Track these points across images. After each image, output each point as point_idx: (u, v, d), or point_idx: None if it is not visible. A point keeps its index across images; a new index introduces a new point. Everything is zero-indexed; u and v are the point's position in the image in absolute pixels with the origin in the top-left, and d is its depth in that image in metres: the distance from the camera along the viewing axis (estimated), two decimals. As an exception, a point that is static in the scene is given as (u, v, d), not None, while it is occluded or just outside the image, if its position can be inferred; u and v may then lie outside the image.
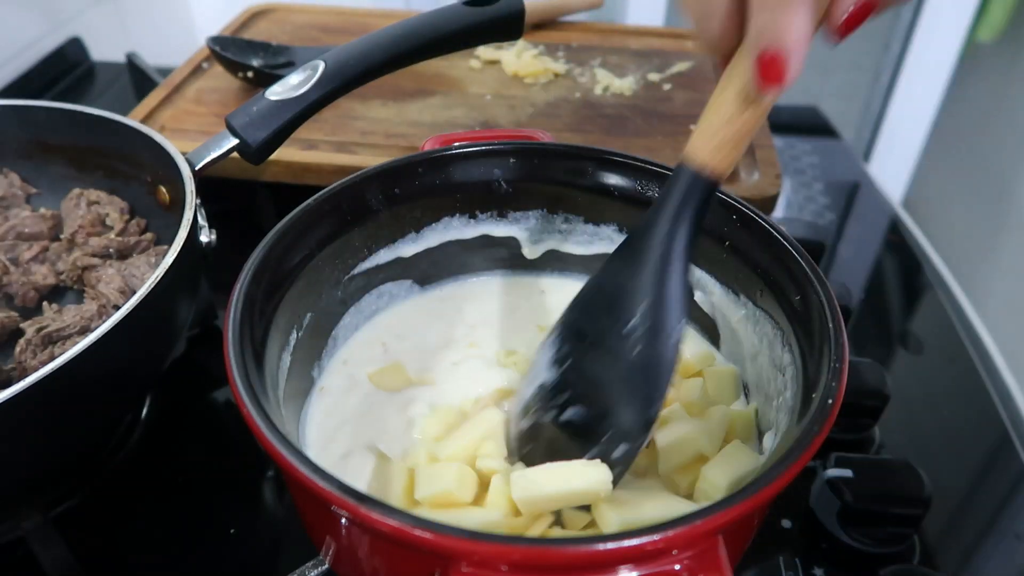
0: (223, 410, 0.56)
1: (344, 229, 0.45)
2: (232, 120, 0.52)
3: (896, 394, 0.52)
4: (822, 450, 0.40)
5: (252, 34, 0.87)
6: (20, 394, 0.35)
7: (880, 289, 0.70)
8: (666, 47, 0.88)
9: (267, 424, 0.31)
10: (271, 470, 0.50)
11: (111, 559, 0.46)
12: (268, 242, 0.40)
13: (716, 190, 0.36)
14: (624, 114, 0.74)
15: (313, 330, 0.44)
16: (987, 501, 0.50)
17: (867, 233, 0.78)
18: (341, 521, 0.31)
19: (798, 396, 0.37)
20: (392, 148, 0.68)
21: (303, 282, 0.42)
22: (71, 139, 0.58)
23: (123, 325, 0.39)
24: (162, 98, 0.73)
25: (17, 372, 0.46)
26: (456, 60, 0.82)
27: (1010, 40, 1.40)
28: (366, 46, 0.55)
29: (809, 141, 0.91)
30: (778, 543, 0.46)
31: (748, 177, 0.65)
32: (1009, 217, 1.39)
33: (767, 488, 0.29)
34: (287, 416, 0.39)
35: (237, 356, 0.34)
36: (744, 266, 0.44)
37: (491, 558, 0.27)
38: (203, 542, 0.46)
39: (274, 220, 0.41)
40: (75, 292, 0.54)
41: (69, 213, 0.57)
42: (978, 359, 0.61)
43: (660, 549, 0.27)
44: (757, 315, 0.43)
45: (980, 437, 0.55)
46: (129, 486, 0.50)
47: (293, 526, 0.47)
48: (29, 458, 0.40)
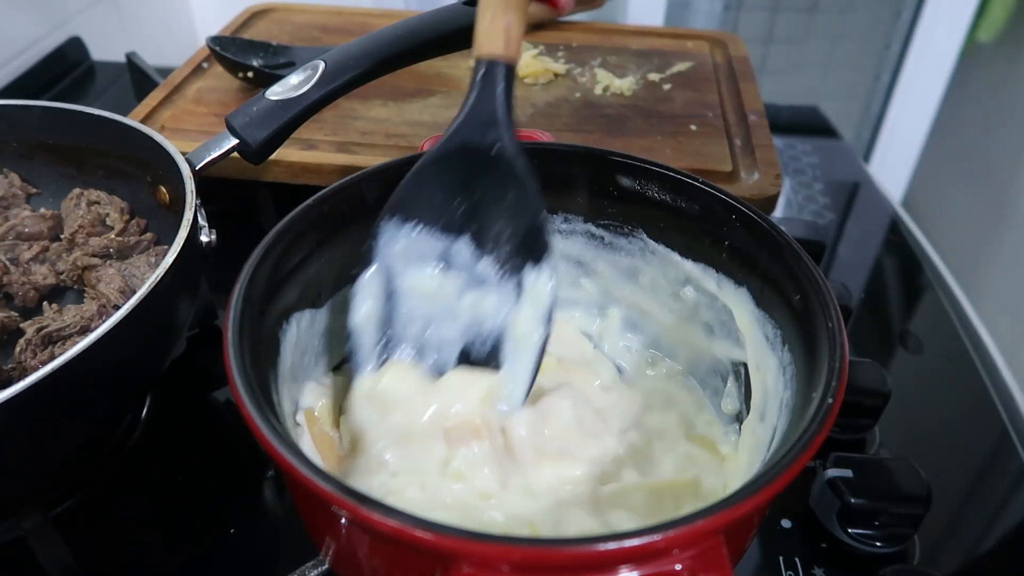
0: (223, 410, 0.56)
1: (343, 229, 0.45)
2: (232, 120, 0.52)
3: (896, 394, 0.52)
4: (822, 450, 0.40)
5: (252, 34, 0.87)
6: (20, 394, 0.35)
7: (880, 289, 0.70)
8: (666, 47, 0.88)
9: (267, 424, 0.31)
10: (271, 470, 0.50)
11: (111, 559, 0.46)
12: (268, 242, 0.40)
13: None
14: (624, 114, 0.74)
15: (313, 330, 0.44)
16: (987, 501, 0.50)
17: (867, 233, 0.78)
18: (341, 521, 0.31)
19: (798, 396, 0.37)
20: (392, 148, 0.68)
21: (303, 282, 0.42)
22: (71, 139, 0.58)
23: (123, 325, 0.39)
24: (162, 98, 0.73)
25: (17, 372, 0.46)
26: (456, 60, 0.82)
27: (1010, 40, 1.40)
28: (366, 46, 0.55)
29: (809, 141, 0.91)
30: (778, 543, 0.46)
31: (748, 177, 0.65)
32: (1009, 217, 1.39)
33: (767, 488, 0.29)
34: (287, 416, 0.39)
35: (237, 356, 0.34)
36: (744, 266, 0.44)
37: (492, 558, 0.27)
38: (203, 542, 0.46)
39: (274, 220, 0.41)
40: (75, 292, 0.54)
41: (69, 213, 0.57)
42: (978, 359, 0.61)
43: (661, 549, 0.27)
44: (757, 315, 0.43)
45: (980, 437, 0.55)
46: (129, 486, 0.50)
47: (293, 526, 0.47)
48: (29, 458, 0.40)
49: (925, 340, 0.64)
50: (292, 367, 0.41)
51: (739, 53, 0.85)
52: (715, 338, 0.47)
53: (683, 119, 0.73)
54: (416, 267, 0.42)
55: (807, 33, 1.53)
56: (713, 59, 0.85)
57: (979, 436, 0.55)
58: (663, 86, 0.79)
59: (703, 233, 0.46)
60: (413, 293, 0.41)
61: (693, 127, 0.72)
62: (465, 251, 0.41)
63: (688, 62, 0.84)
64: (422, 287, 0.41)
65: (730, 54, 0.85)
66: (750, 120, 0.72)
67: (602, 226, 0.50)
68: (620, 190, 0.48)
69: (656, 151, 0.68)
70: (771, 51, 1.55)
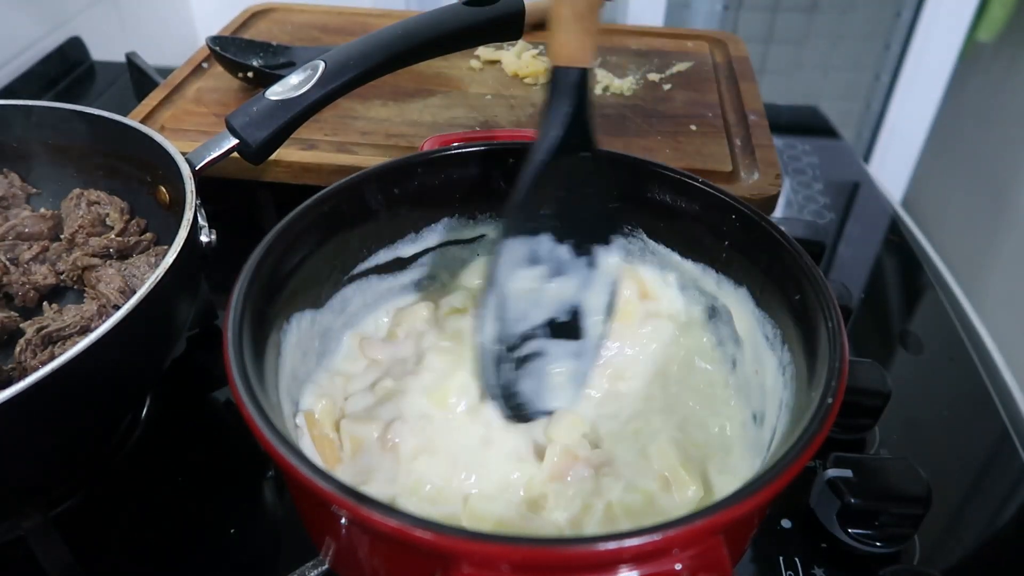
0: (223, 410, 0.56)
1: (343, 229, 0.45)
2: (232, 120, 0.52)
3: (896, 394, 0.52)
4: (822, 450, 0.40)
5: (252, 34, 0.87)
6: (20, 394, 0.35)
7: (880, 289, 0.70)
8: (666, 47, 0.88)
9: (267, 424, 0.31)
10: (271, 470, 0.50)
11: (111, 559, 0.46)
12: (268, 242, 0.40)
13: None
14: (624, 114, 0.74)
15: (313, 330, 0.44)
16: (987, 501, 0.50)
17: (867, 233, 0.78)
18: (341, 521, 0.31)
19: (798, 396, 0.37)
20: (392, 148, 0.68)
21: (302, 282, 0.42)
22: (71, 139, 0.58)
23: (123, 325, 0.39)
24: (162, 98, 0.73)
25: (17, 372, 0.46)
26: (456, 60, 0.82)
27: (1010, 40, 1.40)
28: (366, 46, 0.55)
29: (809, 141, 0.91)
30: (778, 543, 0.46)
31: (748, 177, 0.65)
32: (1009, 217, 1.39)
33: (767, 488, 0.29)
34: (287, 416, 0.39)
35: (237, 356, 0.34)
36: (744, 266, 0.44)
37: (492, 558, 0.27)
38: (203, 542, 0.46)
39: (274, 220, 0.41)
40: (75, 292, 0.54)
41: (69, 213, 0.57)
42: (978, 359, 0.61)
43: (661, 549, 0.27)
44: (757, 315, 0.43)
45: (980, 437, 0.55)
46: (129, 486, 0.50)
47: (293, 526, 0.47)
48: (29, 458, 0.41)
49: (925, 340, 0.64)
50: (292, 368, 0.41)
51: (739, 53, 0.85)
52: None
53: (683, 119, 0.73)
54: (517, 270, 0.42)
55: (807, 33, 1.53)
56: (713, 59, 0.85)
57: (979, 436, 0.55)
58: (663, 86, 0.79)
59: (703, 233, 0.46)
60: (516, 295, 0.42)
61: (693, 127, 0.72)
62: (548, 243, 0.42)
63: (688, 62, 0.84)
64: (521, 288, 0.42)
65: (730, 54, 0.85)
66: (750, 120, 0.72)
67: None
68: (620, 190, 0.48)
69: (656, 151, 0.68)
70: (771, 51, 1.55)
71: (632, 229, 0.49)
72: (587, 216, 0.43)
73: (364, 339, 0.47)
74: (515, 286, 0.42)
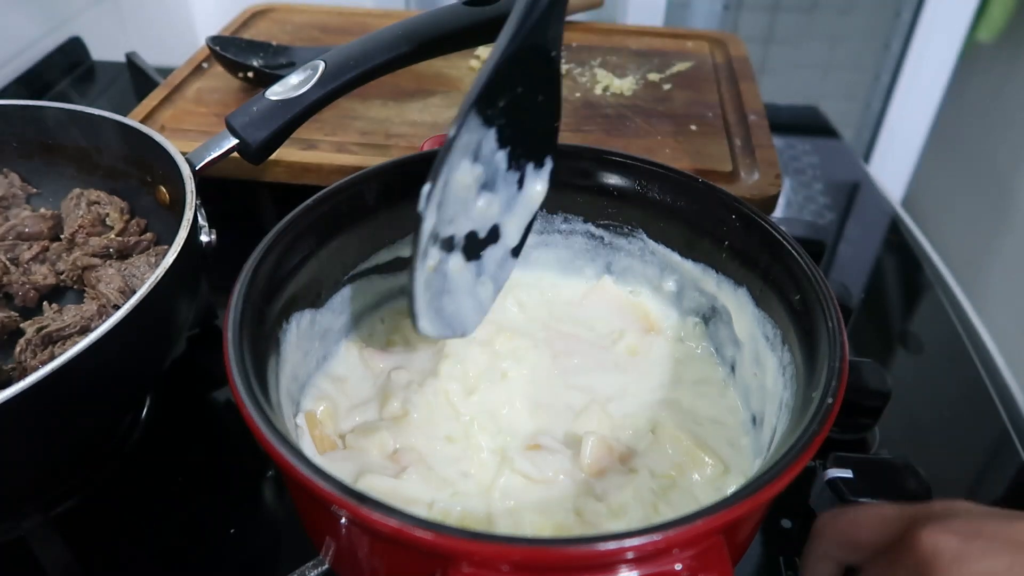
0: (223, 410, 0.56)
1: (343, 229, 0.45)
2: (232, 120, 0.52)
3: (896, 394, 0.52)
4: (822, 450, 0.40)
5: (252, 34, 0.87)
6: (20, 394, 0.35)
7: (880, 289, 0.70)
8: (666, 47, 0.88)
9: (267, 424, 0.31)
10: (271, 470, 0.50)
11: (111, 559, 0.46)
12: (268, 242, 0.40)
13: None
14: (624, 114, 0.74)
15: (313, 330, 0.44)
16: (987, 501, 0.50)
17: (867, 233, 0.78)
18: (341, 521, 0.31)
19: (798, 396, 0.37)
20: (392, 148, 0.68)
21: (303, 282, 0.42)
22: (71, 139, 0.58)
23: (123, 325, 0.39)
24: (162, 98, 0.73)
25: (17, 372, 0.46)
26: (456, 60, 0.82)
27: (1010, 40, 1.40)
28: (366, 46, 0.55)
29: (809, 141, 0.91)
30: (778, 543, 0.46)
31: (748, 177, 0.65)
32: (1009, 217, 1.39)
33: (767, 488, 0.29)
34: (287, 416, 0.39)
35: (237, 356, 0.34)
36: (744, 266, 0.44)
37: (492, 558, 0.27)
38: (203, 542, 0.46)
39: (274, 220, 0.41)
40: (75, 292, 0.54)
41: (69, 213, 0.57)
42: (978, 359, 0.61)
43: (661, 549, 0.27)
44: (757, 315, 0.43)
45: (980, 437, 0.55)
46: (129, 486, 0.50)
47: (293, 526, 0.47)
48: (29, 458, 0.41)
49: (925, 340, 0.64)
50: (293, 368, 0.41)
51: (739, 53, 0.85)
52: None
53: (683, 119, 0.73)
54: (463, 160, 0.41)
55: (807, 33, 1.53)
56: (713, 59, 0.85)
57: (979, 436, 0.55)
58: (663, 86, 0.79)
59: (703, 233, 0.46)
60: (456, 185, 0.41)
61: (693, 127, 0.72)
62: (491, 144, 0.41)
63: (688, 62, 0.84)
64: (461, 181, 0.41)
65: (730, 54, 0.85)
66: (750, 120, 0.72)
67: (602, 226, 0.50)
68: (620, 190, 0.48)
69: (656, 151, 0.68)
70: (771, 51, 1.55)
71: (632, 229, 0.49)
72: (532, 126, 0.43)
73: (364, 348, 0.47)
74: (457, 177, 0.40)
